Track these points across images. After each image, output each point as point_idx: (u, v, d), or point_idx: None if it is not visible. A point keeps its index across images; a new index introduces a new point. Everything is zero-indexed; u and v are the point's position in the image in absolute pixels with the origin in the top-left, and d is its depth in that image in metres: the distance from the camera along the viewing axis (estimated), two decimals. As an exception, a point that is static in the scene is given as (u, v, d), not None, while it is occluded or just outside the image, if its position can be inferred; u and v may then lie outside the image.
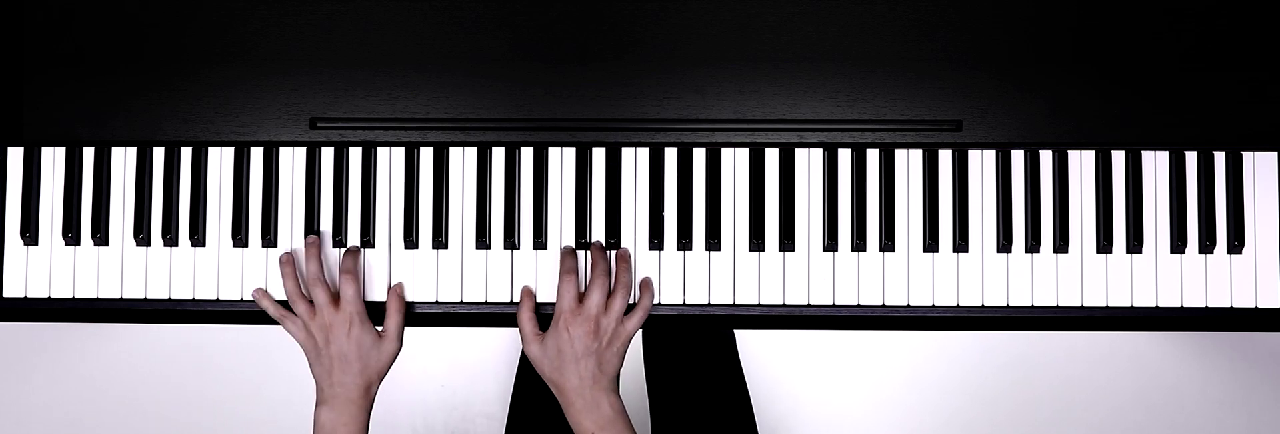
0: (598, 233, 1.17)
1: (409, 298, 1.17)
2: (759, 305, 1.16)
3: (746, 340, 1.93)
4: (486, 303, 1.17)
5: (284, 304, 1.15)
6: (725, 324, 1.18)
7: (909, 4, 1.17)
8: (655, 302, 1.16)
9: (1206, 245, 1.16)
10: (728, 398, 1.37)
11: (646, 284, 1.15)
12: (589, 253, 1.15)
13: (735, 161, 1.17)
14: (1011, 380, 1.94)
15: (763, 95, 1.17)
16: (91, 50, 1.18)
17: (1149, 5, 1.17)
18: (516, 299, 1.17)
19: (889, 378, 1.93)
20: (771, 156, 1.17)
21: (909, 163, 1.17)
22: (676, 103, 1.18)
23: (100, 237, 1.18)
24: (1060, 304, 1.16)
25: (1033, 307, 1.16)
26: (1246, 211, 1.17)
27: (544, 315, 1.16)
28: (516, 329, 1.15)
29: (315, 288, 1.12)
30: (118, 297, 1.18)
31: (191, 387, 1.96)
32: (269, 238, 1.17)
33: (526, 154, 1.18)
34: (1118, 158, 1.17)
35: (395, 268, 1.17)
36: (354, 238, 1.18)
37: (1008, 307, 1.16)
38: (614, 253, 1.16)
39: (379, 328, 1.13)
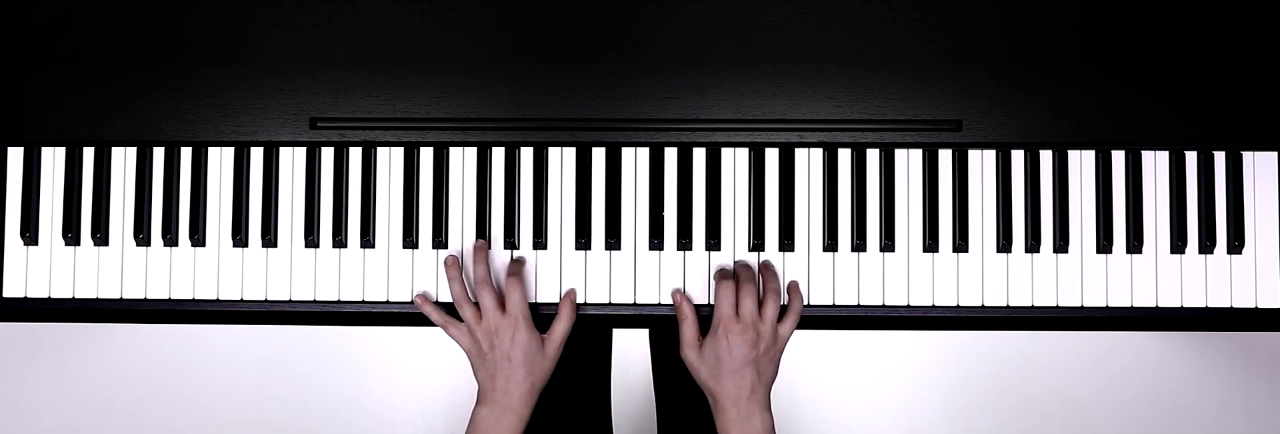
0: (598, 233, 1.17)
1: (408, 298, 1.17)
2: (759, 305, 1.16)
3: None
4: (486, 303, 1.17)
5: (442, 306, 1.15)
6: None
7: (909, 4, 1.17)
8: (661, 304, 1.16)
9: (1206, 245, 1.16)
10: None
11: (795, 288, 1.14)
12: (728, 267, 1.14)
13: (735, 162, 1.17)
14: (1011, 380, 1.94)
15: (763, 95, 1.17)
16: (91, 50, 1.18)
17: (1149, 5, 1.17)
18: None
19: (889, 378, 1.93)
20: (771, 157, 1.17)
21: (909, 163, 1.17)
22: (676, 103, 1.18)
23: (100, 237, 1.18)
24: (1060, 304, 1.16)
25: (1033, 307, 1.16)
26: (1246, 212, 1.17)
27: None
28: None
29: (484, 292, 1.11)
30: (118, 297, 1.18)
31: (191, 387, 1.96)
32: (269, 238, 1.17)
33: (526, 154, 1.18)
34: (1118, 158, 1.17)
35: (393, 267, 1.17)
36: (354, 238, 1.18)
37: (1008, 307, 1.16)
38: (758, 262, 1.16)
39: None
